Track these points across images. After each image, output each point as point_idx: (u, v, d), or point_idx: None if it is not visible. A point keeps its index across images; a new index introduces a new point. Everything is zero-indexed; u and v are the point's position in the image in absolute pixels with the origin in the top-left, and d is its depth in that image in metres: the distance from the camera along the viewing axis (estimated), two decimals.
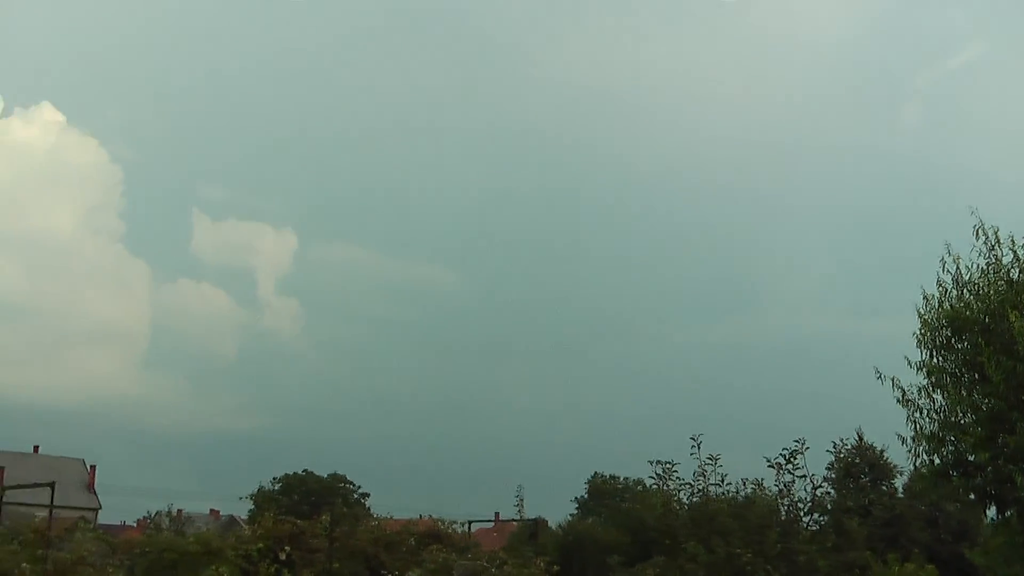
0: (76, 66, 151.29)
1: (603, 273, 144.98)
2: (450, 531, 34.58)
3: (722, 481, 25.47)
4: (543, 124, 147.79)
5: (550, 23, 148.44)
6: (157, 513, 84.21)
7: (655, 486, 26.75)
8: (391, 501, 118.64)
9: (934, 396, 19.04)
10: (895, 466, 39.15)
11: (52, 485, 25.12)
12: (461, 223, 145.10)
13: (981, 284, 18.85)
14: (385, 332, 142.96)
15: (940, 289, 19.47)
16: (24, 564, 23.33)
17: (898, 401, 19.29)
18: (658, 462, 26.09)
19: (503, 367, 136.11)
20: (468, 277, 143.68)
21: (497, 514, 52.31)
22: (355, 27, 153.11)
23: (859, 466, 40.64)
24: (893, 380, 19.18)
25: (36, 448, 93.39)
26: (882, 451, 39.92)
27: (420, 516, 42.38)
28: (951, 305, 19.08)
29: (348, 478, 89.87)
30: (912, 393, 19.22)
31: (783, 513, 24.98)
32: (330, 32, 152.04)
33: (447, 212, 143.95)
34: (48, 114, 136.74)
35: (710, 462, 25.32)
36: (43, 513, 27.78)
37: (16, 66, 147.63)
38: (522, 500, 31.14)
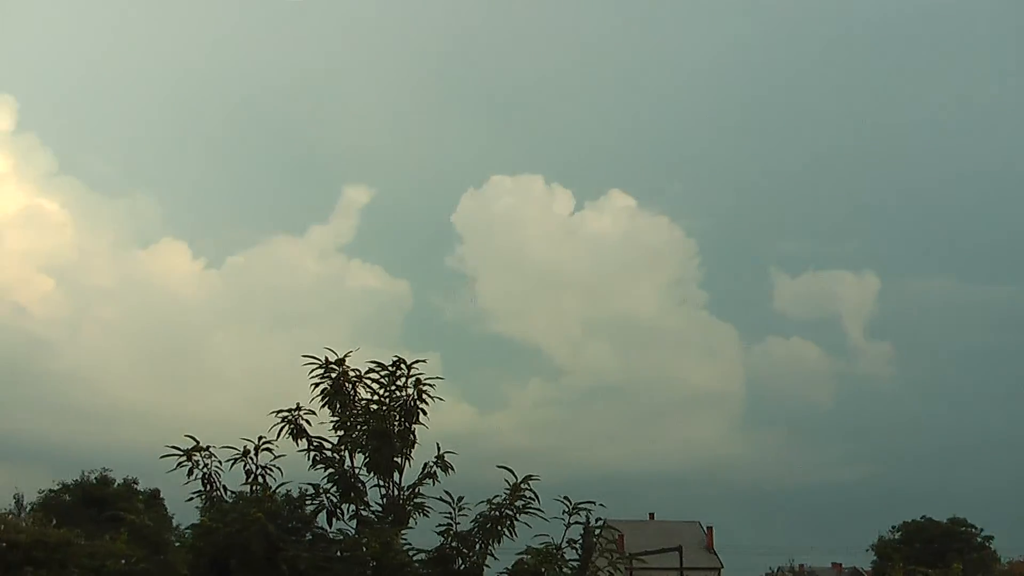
0: (639, 150, 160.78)
1: None
2: None
3: None
4: None
5: None
6: (779, 569, 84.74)
7: None
8: (1020, 542, 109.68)
9: None
10: None
11: (679, 549, 26.00)
12: None
13: None
14: (984, 363, 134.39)
15: None
16: None
17: None
18: None
19: None
20: None
21: None
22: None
23: None
24: None
25: (652, 515, 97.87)
26: None
27: None
28: None
29: (968, 521, 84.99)
30: None
31: None
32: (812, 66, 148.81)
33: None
34: (618, 201, 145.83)
35: None
36: None
37: (582, 162, 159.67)
38: None
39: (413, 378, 13.96)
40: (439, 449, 13.91)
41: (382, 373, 14.01)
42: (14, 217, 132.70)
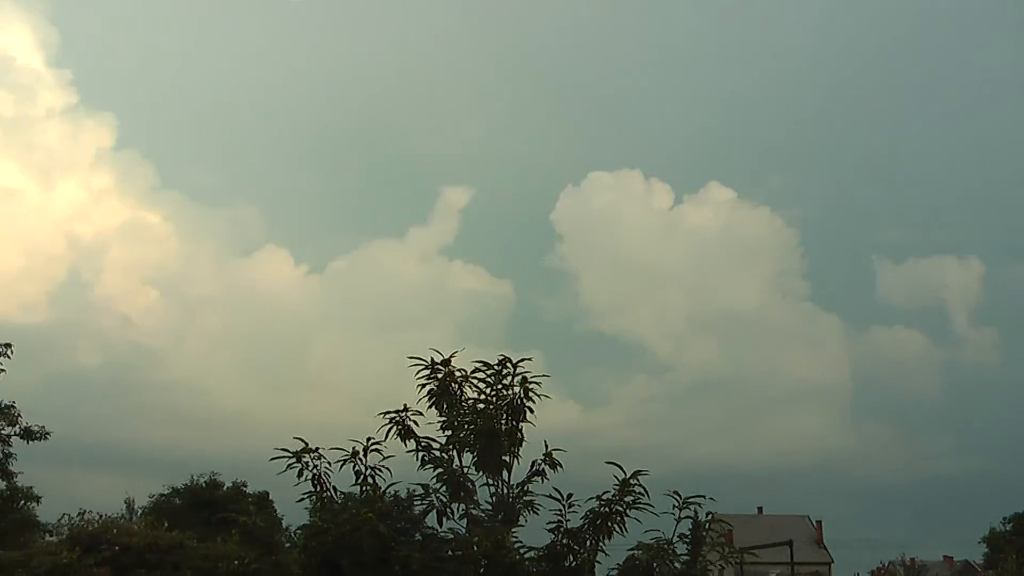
0: (737, 141, 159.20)
1: None
2: None
3: None
4: None
5: None
6: (890, 563, 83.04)
7: None
8: None
9: None
10: None
11: (790, 543, 25.55)
12: None
13: None
14: None
15: None
16: None
17: None
18: None
19: None
20: None
21: None
22: None
23: None
24: None
25: (760, 509, 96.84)
26: None
27: None
28: None
29: None
30: None
31: None
32: None
33: None
34: (717, 193, 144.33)
35: None
36: (777, 571, 28.33)
37: (679, 155, 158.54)
38: None
39: (519, 376, 13.93)
40: (547, 447, 13.86)
41: (488, 372, 14.00)
42: (118, 230, 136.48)
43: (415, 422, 14.00)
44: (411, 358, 14.08)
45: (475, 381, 14.06)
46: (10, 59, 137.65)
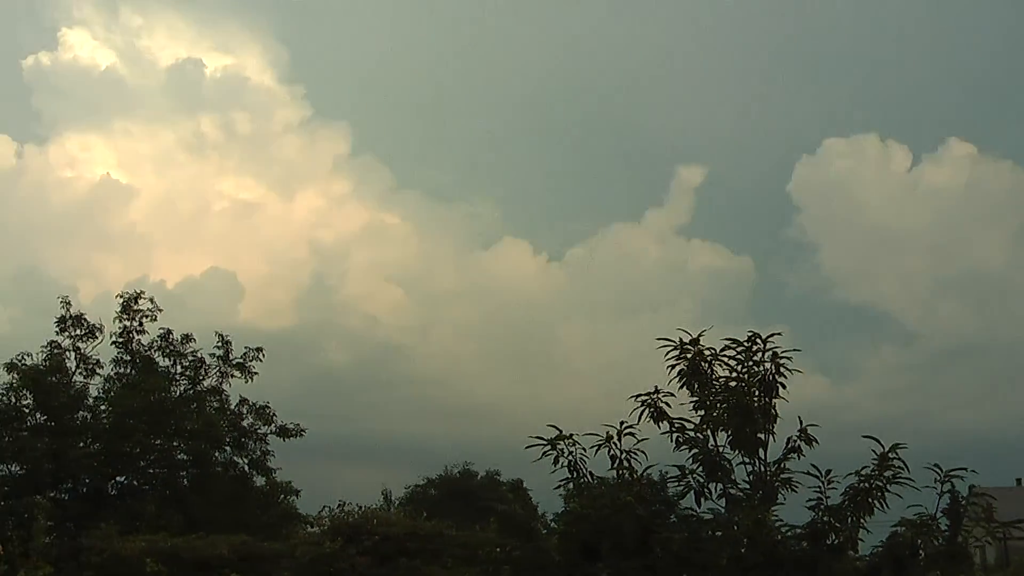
0: (975, 93, 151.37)
1: None
2: None
3: None
4: None
5: None
6: None
7: None
8: None
9: None
10: None
11: None
12: None
13: None
14: None
15: None
16: None
17: None
18: None
19: None
20: None
21: None
22: None
23: None
24: None
25: (1019, 480, 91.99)
26: None
27: None
28: None
29: None
30: None
31: None
32: None
33: None
34: (957, 150, 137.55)
35: None
36: None
37: (916, 114, 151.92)
38: None
39: (769, 352, 13.82)
40: (801, 422, 13.71)
41: (738, 350, 13.94)
42: (358, 233, 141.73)
43: (667, 404, 14.08)
44: (660, 339, 14.19)
45: (725, 359, 14.04)
46: (244, 80, 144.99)
